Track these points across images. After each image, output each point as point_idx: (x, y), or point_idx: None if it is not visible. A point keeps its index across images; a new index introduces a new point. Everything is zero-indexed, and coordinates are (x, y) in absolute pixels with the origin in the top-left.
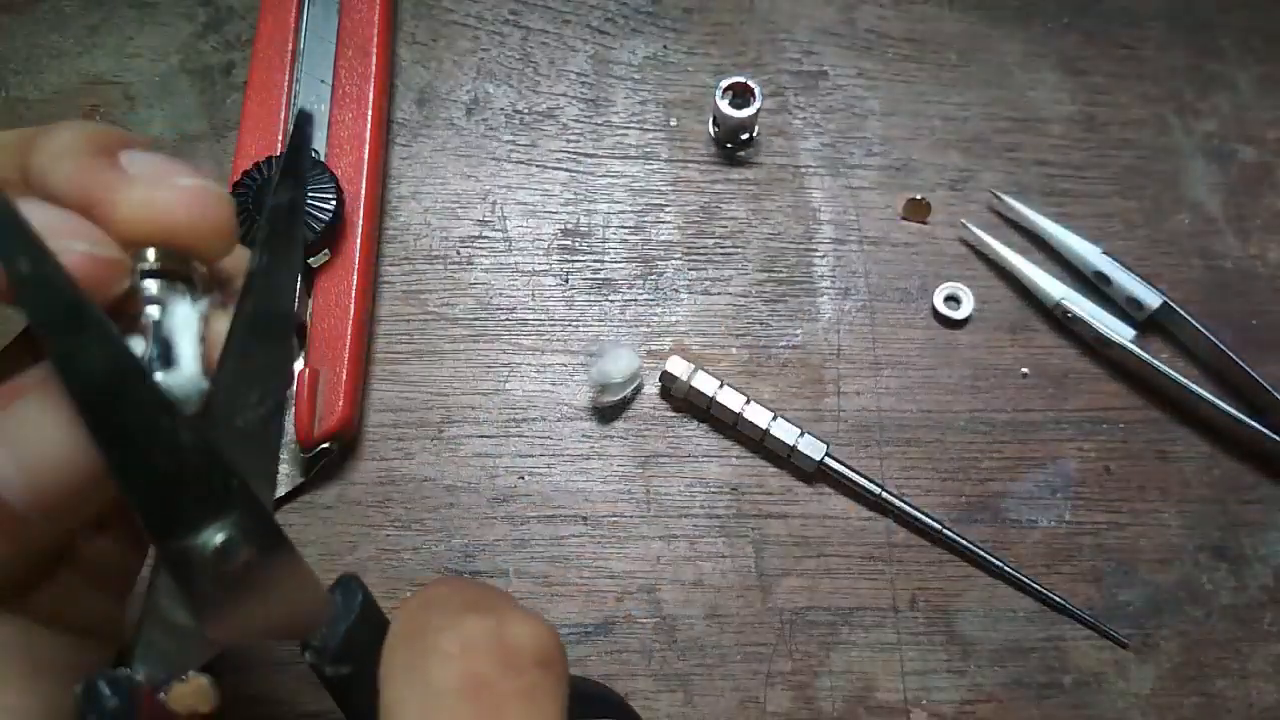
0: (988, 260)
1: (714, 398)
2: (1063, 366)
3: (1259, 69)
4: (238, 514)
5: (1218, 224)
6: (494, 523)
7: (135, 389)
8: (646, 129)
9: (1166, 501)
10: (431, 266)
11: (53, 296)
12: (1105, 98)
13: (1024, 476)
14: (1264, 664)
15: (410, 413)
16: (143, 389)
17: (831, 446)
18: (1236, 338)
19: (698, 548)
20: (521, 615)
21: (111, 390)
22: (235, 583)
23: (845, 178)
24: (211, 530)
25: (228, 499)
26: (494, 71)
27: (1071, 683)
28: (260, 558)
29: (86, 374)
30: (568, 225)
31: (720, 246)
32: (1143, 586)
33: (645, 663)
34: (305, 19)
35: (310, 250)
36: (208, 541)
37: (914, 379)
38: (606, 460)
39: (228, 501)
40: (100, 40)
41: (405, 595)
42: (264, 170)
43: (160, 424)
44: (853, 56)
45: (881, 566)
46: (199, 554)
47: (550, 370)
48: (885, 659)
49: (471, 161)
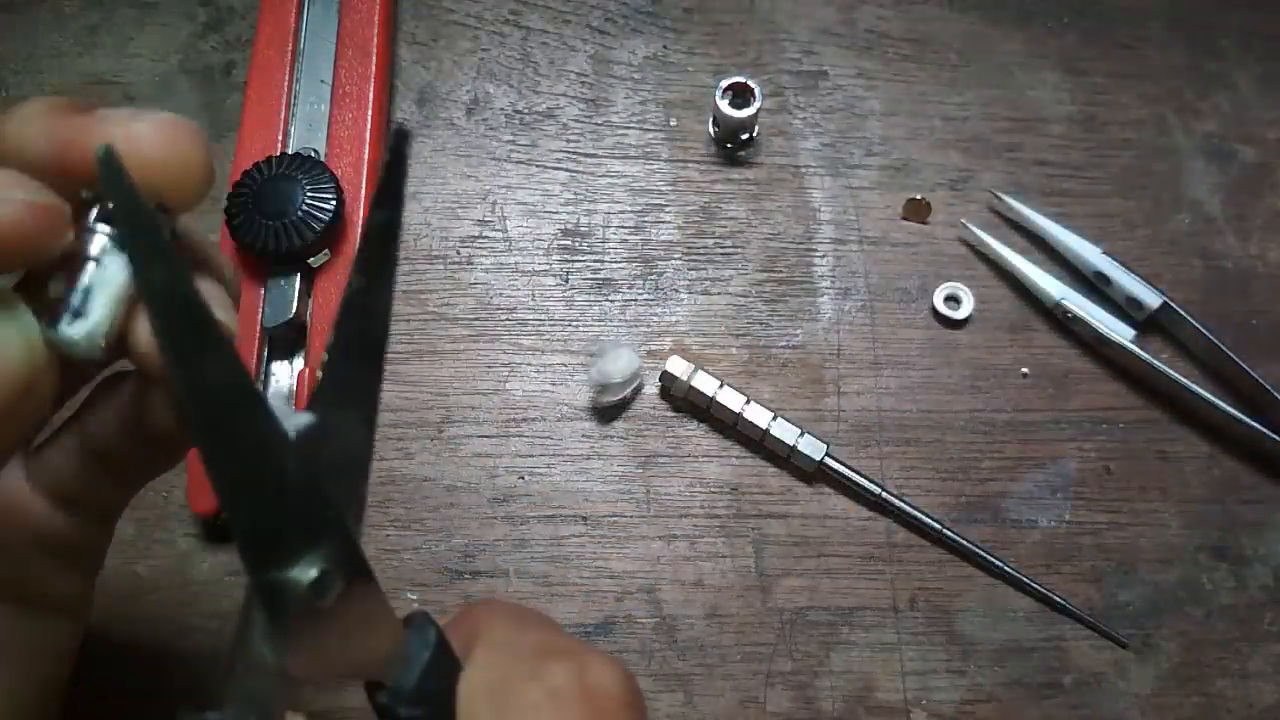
0: (988, 260)
1: (714, 398)
2: (1063, 366)
3: (1259, 69)
4: (332, 546)
5: (1218, 224)
6: (494, 523)
7: (251, 415)
8: (646, 129)
9: (1166, 501)
10: (431, 266)
11: (184, 313)
12: (1105, 98)
13: (1024, 476)
14: (1264, 664)
15: (410, 413)
16: (259, 416)
17: (831, 446)
18: (1236, 338)
19: (698, 548)
20: (599, 658)
21: (228, 414)
22: (325, 617)
23: (845, 178)
24: (306, 563)
25: (325, 531)
26: (494, 71)
27: (1071, 683)
28: (350, 591)
29: (208, 394)
30: (568, 225)
31: (720, 246)
32: (1143, 586)
33: (645, 663)
34: (305, 19)
35: (310, 250)
36: (302, 574)
37: (914, 379)
38: (606, 460)
39: (324, 533)
40: (100, 40)
41: (407, 596)
42: (264, 170)
43: (271, 451)
44: (853, 56)
45: (881, 566)
46: (294, 587)
47: (550, 370)
48: (885, 659)
49: (471, 161)
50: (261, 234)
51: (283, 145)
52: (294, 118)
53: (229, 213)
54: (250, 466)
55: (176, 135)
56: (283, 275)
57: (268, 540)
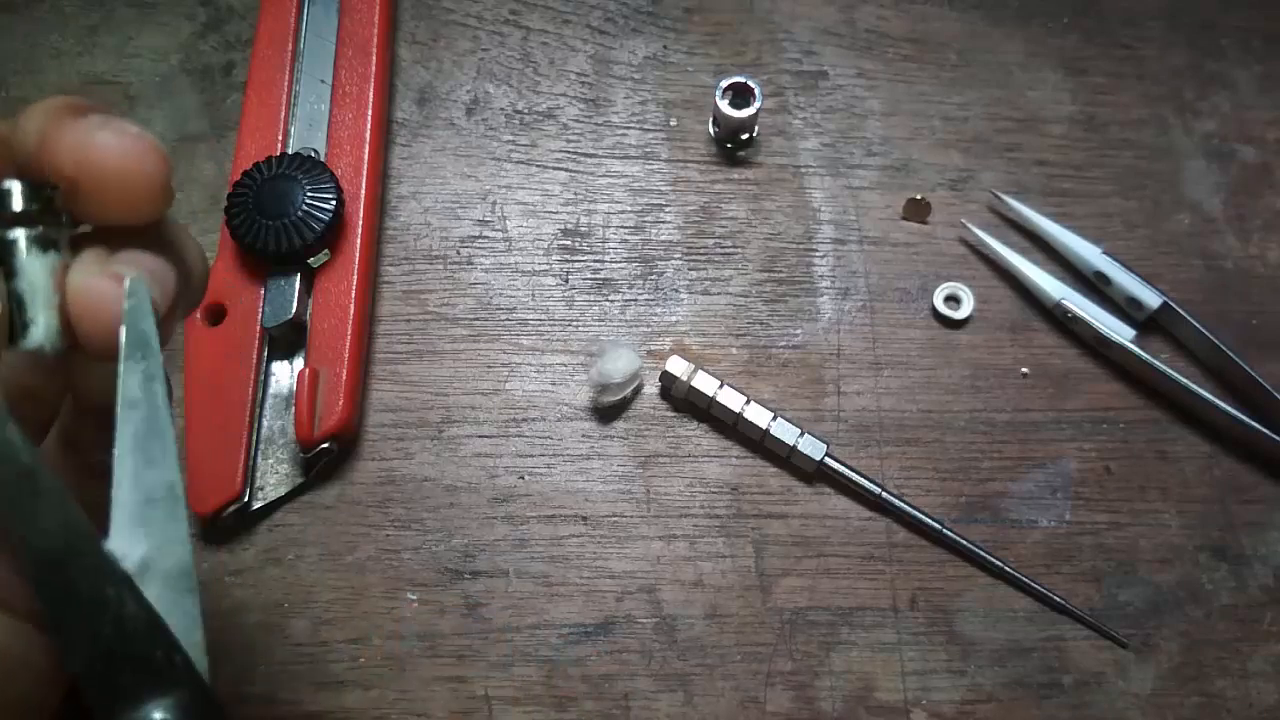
0: (988, 260)
1: (714, 398)
2: (1063, 366)
3: (1259, 69)
4: (181, 692)
5: (1218, 224)
6: (494, 523)
7: (85, 557)
8: (646, 129)
9: (1166, 501)
10: (431, 266)
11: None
12: (1105, 98)
13: (1024, 476)
14: (1264, 664)
15: (410, 413)
16: (93, 557)
17: (831, 446)
18: (1236, 338)
19: (698, 548)
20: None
21: (62, 558)
22: None
23: (845, 178)
24: (151, 706)
25: (172, 674)
26: (494, 71)
27: (1071, 683)
28: None
29: (40, 540)
30: (568, 225)
31: (720, 246)
32: (1143, 586)
33: (645, 663)
34: (305, 19)
35: (310, 250)
36: (146, 717)
37: (914, 379)
38: (606, 460)
39: (171, 677)
40: (100, 40)
41: (407, 596)
42: (264, 170)
43: (107, 593)
44: (853, 56)
45: (881, 566)
46: None
47: (550, 370)
48: (885, 659)
49: (471, 161)
50: (261, 234)
51: (283, 145)
52: (294, 118)
53: (229, 213)
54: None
55: (138, 150)
56: (283, 275)
57: (110, 684)
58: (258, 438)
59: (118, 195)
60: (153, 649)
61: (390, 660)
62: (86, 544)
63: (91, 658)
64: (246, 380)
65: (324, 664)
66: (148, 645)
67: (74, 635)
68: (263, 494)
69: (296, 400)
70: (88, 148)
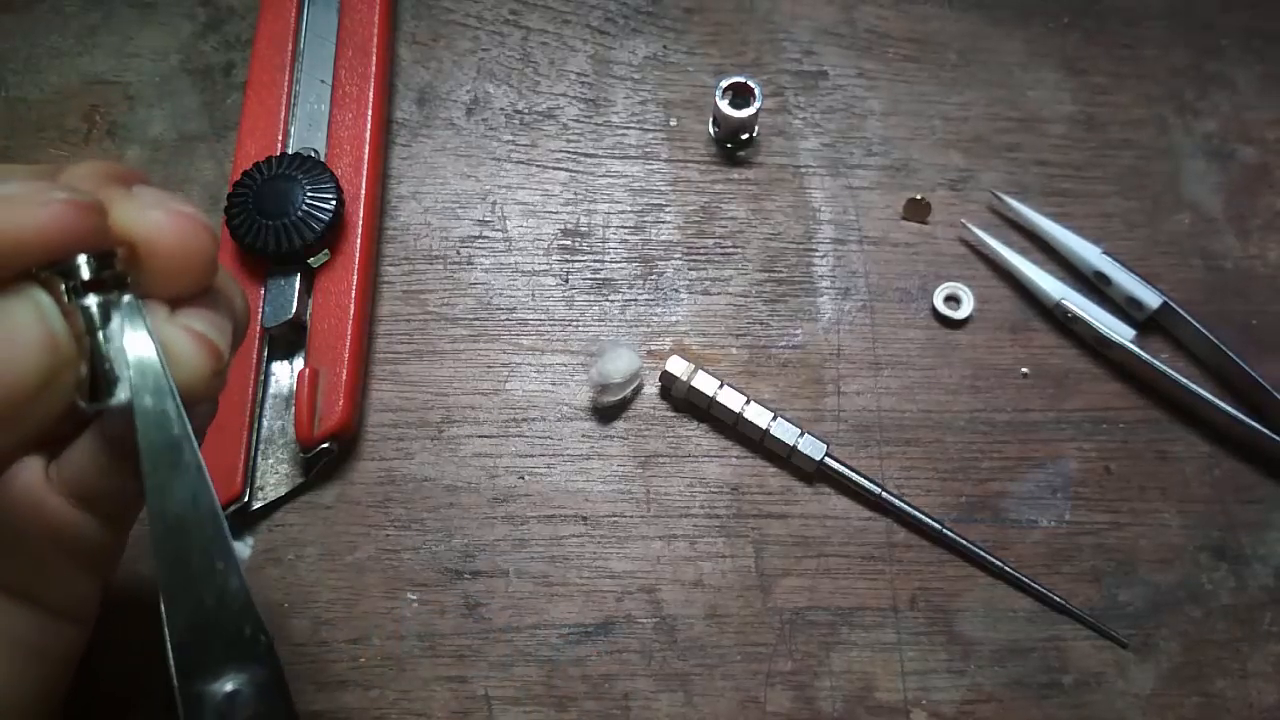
0: (988, 260)
1: (714, 398)
2: (1063, 366)
3: (1259, 69)
4: (257, 670)
5: (1218, 224)
6: (494, 523)
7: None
8: (646, 129)
9: (1166, 501)
10: (431, 266)
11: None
12: (1105, 98)
13: (1024, 476)
14: (1264, 664)
15: (410, 413)
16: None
17: (831, 446)
18: (1236, 338)
19: (698, 548)
20: None
21: (187, 526)
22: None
23: (845, 178)
24: (227, 678)
25: (255, 652)
26: (494, 71)
27: (1071, 683)
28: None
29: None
30: (568, 225)
31: (720, 246)
32: (1143, 586)
33: (645, 663)
34: (305, 19)
35: (310, 250)
36: (220, 688)
37: (914, 379)
38: (606, 460)
39: (254, 655)
40: (100, 40)
41: (407, 596)
42: (264, 170)
43: (216, 565)
44: (853, 56)
45: (881, 566)
46: (211, 699)
47: (550, 370)
48: (885, 659)
49: (471, 161)
50: (261, 234)
51: (283, 145)
52: (294, 118)
53: (229, 212)
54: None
55: (192, 230)
56: (283, 275)
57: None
58: (258, 438)
59: (174, 272)
60: (244, 625)
61: (390, 660)
62: (210, 518)
63: (193, 624)
64: (246, 380)
65: (324, 664)
66: (240, 621)
67: (181, 599)
68: (263, 494)
69: (296, 400)
70: (143, 227)
